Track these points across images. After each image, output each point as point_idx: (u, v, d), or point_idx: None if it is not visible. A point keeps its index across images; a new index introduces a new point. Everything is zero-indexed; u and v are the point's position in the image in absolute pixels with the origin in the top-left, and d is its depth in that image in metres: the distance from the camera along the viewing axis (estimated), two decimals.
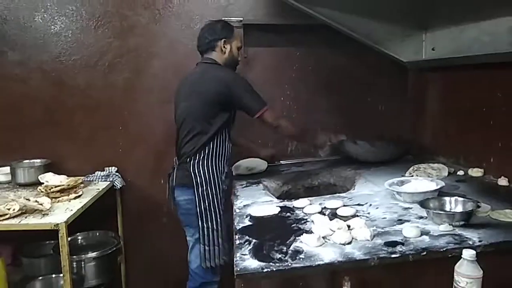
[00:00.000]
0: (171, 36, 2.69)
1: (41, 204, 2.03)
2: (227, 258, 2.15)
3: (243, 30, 2.61)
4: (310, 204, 1.80)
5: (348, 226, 1.49)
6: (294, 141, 2.78)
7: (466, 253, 1.15)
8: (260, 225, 1.64)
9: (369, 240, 1.40)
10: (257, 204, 1.89)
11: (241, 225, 1.63)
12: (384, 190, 1.93)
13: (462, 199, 1.63)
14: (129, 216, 2.81)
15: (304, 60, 2.79)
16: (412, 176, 2.14)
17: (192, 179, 2.11)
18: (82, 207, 2.14)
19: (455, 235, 1.41)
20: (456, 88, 2.43)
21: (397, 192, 1.83)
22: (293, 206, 1.81)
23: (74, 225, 2.05)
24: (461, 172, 2.24)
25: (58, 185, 2.23)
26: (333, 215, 1.66)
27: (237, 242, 1.46)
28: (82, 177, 2.48)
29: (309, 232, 1.48)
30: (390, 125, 2.88)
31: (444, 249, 1.32)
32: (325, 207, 1.77)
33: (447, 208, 1.62)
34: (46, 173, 2.37)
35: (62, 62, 2.66)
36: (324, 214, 1.68)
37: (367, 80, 2.86)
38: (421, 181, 1.91)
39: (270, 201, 1.94)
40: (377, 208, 1.74)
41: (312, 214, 1.68)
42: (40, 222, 1.93)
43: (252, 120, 2.21)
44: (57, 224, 1.91)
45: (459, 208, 1.59)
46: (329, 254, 1.31)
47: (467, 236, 1.40)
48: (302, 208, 1.77)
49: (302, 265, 1.27)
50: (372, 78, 2.86)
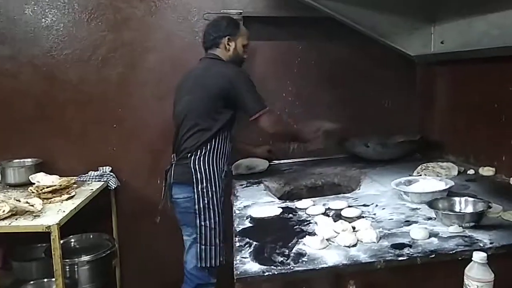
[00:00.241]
0: (168, 29, 2.69)
1: (32, 206, 2.03)
2: (224, 260, 2.16)
3: (243, 24, 2.60)
4: (313, 205, 1.80)
5: (353, 228, 1.49)
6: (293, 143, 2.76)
7: (477, 256, 1.15)
8: (261, 227, 1.64)
9: (375, 242, 1.40)
10: (258, 205, 1.89)
11: (241, 227, 1.63)
12: (391, 190, 1.93)
13: (473, 199, 1.63)
14: (124, 218, 2.81)
15: (307, 54, 2.79)
16: (420, 176, 2.14)
17: (192, 175, 2.12)
18: (75, 209, 2.14)
19: (465, 237, 1.41)
20: (466, 83, 2.43)
21: (405, 192, 1.83)
22: (296, 207, 1.81)
23: (67, 227, 2.05)
24: (471, 171, 2.24)
25: (50, 186, 2.23)
26: (338, 216, 1.66)
27: (237, 245, 1.46)
28: (75, 177, 2.48)
29: (312, 234, 1.48)
30: (397, 122, 2.87)
31: (454, 252, 1.32)
32: (329, 208, 1.77)
33: (457, 209, 1.62)
34: (38, 173, 2.38)
35: (54, 57, 2.66)
36: (328, 215, 1.68)
37: (373, 75, 2.85)
38: (430, 181, 1.92)
39: (272, 202, 1.94)
40: (384, 209, 1.74)
41: (316, 215, 1.68)
42: (31, 224, 1.93)
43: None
44: (49, 226, 1.91)
45: (469, 209, 1.59)
46: (333, 257, 1.31)
47: (478, 238, 1.40)
48: (305, 209, 1.77)
49: (305, 269, 1.27)
50: (378, 73, 2.85)
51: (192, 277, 2.21)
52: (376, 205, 1.79)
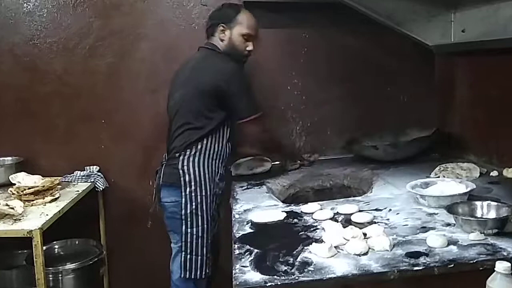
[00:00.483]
0: (161, 15, 2.69)
1: (12, 208, 2.03)
2: (210, 271, 2.16)
3: None
4: (321, 209, 1.80)
5: (364, 235, 1.49)
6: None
7: (500, 266, 1.15)
8: (263, 233, 1.64)
9: (388, 251, 1.40)
10: (260, 209, 1.89)
11: (241, 233, 1.63)
12: (406, 193, 1.93)
13: (496, 204, 1.62)
14: (113, 222, 2.81)
15: (314, 43, 2.78)
16: (438, 177, 2.14)
17: (180, 177, 2.11)
18: (59, 212, 2.14)
19: (487, 245, 1.41)
20: (489, 75, 2.43)
21: (421, 196, 1.83)
22: (301, 211, 1.82)
23: (50, 232, 2.06)
24: (495, 173, 2.24)
25: (32, 187, 2.24)
26: (347, 222, 1.66)
27: (237, 252, 1.46)
28: (59, 178, 2.48)
29: (320, 241, 1.48)
30: (413, 118, 2.87)
31: (475, 261, 1.32)
32: (338, 213, 1.77)
33: (478, 214, 1.61)
34: (18, 173, 2.38)
35: (36, 45, 2.66)
36: (337, 221, 1.68)
37: (387, 67, 2.85)
38: (449, 183, 1.91)
39: (275, 206, 1.95)
40: (398, 214, 1.74)
41: (323, 221, 1.68)
42: (11, 229, 1.94)
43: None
44: (31, 231, 1.91)
45: (492, 214, 1.59)
46: (342, 266, 1.31)
47: (501, 246, 1.39)
48: (312, 214, 1.77)
49: (311, 279, 1.26)
50: (392, 64, 2.85)
51: None
52: (390, 210, 1.79)
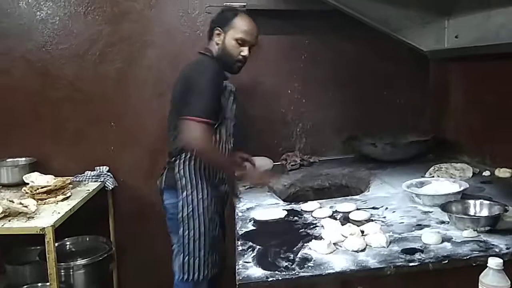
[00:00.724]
0: (168, 23, 2.69)
1: (26, 207, 2.03)
2: (210, 273, 2.09)
3: None
4: (320, 208, 1.80)
5: (362, 232, 1.49)
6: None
7: (492, 262, 1.14)
8: (265, 230, 1.64)
9: (385, 247, 1.39)
10: (262, 207, 1.89)
11: (244, 230, 1.64)
12: (402, 192, 1.93)
13: (488, 202, 1.62)
14: (122, 220, 2.81)
15: (314, 49, 2.79)
16: (433, 177, 2.14)
17: (177, 181, 2.06)
18: (71, 210, 2.14)
19: (480, 242, 1.40)
20: (482, 80, 2.42)
21: (416, 195, 1.82)
22: (301, 210, 1.82)
23: (62, 230, 2.06)
24: (487, 173, 2.23)
25: (45, 186, 2.24)
26: (345, 220, 1.66)
27: (240, 249, 1.46)
28: (71, 177, 2.48)
29: (319, 238, 1.48)
30: (408, 121, 2.88)
31: (468, 257, 1.32)
32: (337, 211, 1.77)
33: (471, 212, 1.61)
34: (32, 173, 2.38)
35: (49, 52, 2.67)
36: (335, 219, 1.68)
37: (383, 71, 2.85)
38: (443, 183, 1.91)
39: (276, 204, 1.94)
40: (394, 212, 1.74)
41: (322, 218, 1.68)
42: (25, 226, 1.94)
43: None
44: (43, 228, 1.91)
45: (485, 212, 1.59)
46: (341, 262, 1.31)
47: (493, 243, 1.39)
48: (311, 212, 1.77)
49: (311, 274, 1.26)
50: (389, 69, 2.85)
51: None
52: (386, 208, 1.79)
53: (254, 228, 1.66)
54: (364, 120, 2.87)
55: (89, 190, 2.44)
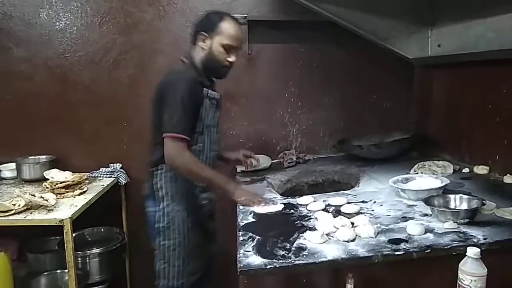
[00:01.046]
0: (176, 33, 2.69)
1: (46, 200, 2.04)
2: (188, 280, 1.93)
3: (248, 27, 2.61)
4: (314, 201, 1.80)
5: (352, 223, 1.49)
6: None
7: (471, 251, 1.15)
8: (264, 222, 1.64)
9: (373, 238, 1.40)
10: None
11: (245, 222, 1.64)
12: (389, 188, 1.93)
13: (467, 197, 1.62)
14: (134, 212, 2.81)
15: (309, 57, 2.78)
16: (417, 174, 2.14)
17: (155, 192, 1.92)
18: (87, 203, 2.15)
19: (460, 233, 1.41)
20: (462, 85, 2.42)
21: (402, 190, 1.82)
22: (297, 203, 1.82)
23: (79, 221, 2.06)
24: (466, 170, 2.23)
25: (63, 181, 2.25)
26: (337, 212, 1.67)
27: (241, 239, 1.46)
28: (87, 174, 2.49)
29: (313, 229, 1.48)
30: (395, 122, 2.87)
31: (449, 247, 1.32)
32: (329, 204, 1.77)
33: (452, 206, 1.61)
34: (51, 169, 2.39)
35: (67, 59, 2.67)
36: (328, 211, 1.68)
37: (372, 77, 2.85)
38: (426, 179, 1.91)
39: (274, 198, 1.94)
40: (381, 206, 1.74)
41: (316, 211, 1.68)
42: (45, 218, 1.94)
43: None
44: (62, 220, 1.92)
45: (464, 206, 1.59)
46: (333, 251, 1.32)
47: (472, 234, 1.39)
48: (306, 205, 1.77)
49: (306, 262, 1.27)
50: (377, 75, 2.85)
51: None
52: (374, 202, 1.79)
53: (254, 220, 1.66)
54: (355, 122, 2.87)
55: (104, 185, 2.44)
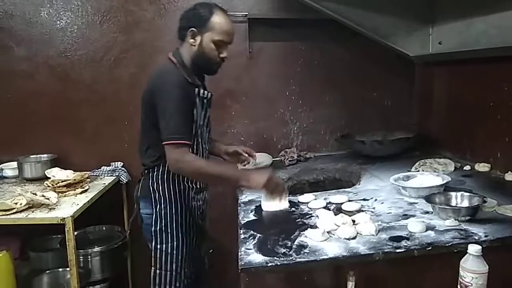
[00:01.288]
0: (176, 31, 2.68)
1: (48, 199, 2.04)
2: (182, 284, 1.88)
3: (248, 25, 2.61)
4: (315, 199, 1.80)
5: (353, 221, 1.49)
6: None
7: (472, 248, 1.15)
8: (265, 220, 1.64)
9: (374, 235, 1.40)
10: (262, 199, 1.88)
11: (246, 220, 1.64)
12: (390, 185, 1.93)
13: (468, 194, 1.62)
14: (135, 211, 2.81)
15: (310, 55, 2.78)
16: (418, 171, 2.14)
17: (151, 194, 1.84)
18: (89, 202, 2.15)
19: (461, 230, 1.41)
20: (463, 82, 2.42)
21: (403, 187, 1.82)
22: (298, 201, 1.82)
23: (81, 220, 2.06)
24: (468, 167, 2.23)
25: (65, 180, 2.25)
26: (338, 210, 1.67)
27: (242, 237, 1.46)
28: (88, 172, 2.49)
29: (314, 227, 1.48)
30: (397, 120, 2.87)
31: (450, 244, 1.32)
32: (330, 202, 1.77)
33: (453, 203, 1.61)
34: (53, 168, 2.39)
35: (68, 57, 2.66)
36: (329, 209, 1.68)
37: (373, 75, 2.85)
38: (427, 176, 1.91)
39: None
40: (383, 203, 1.74)
41: (317, 209, 1.68)
42: (47, 216, 1.95)
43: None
44: (64, 218, 1.92)
45: (465, 203, 1.59)
46: (334, 249, 1.32)
47: (473, 231, 1.39)
48: (307, 203, 1.77)
49: (307, 260, 1.27)
50: (378, 73, 2.85)
51: None
52: (375, 200, 1.79)
53: (255, 218, 1.66)
54: (356, 120, 2.87)
55: (105, 184, 2.44)
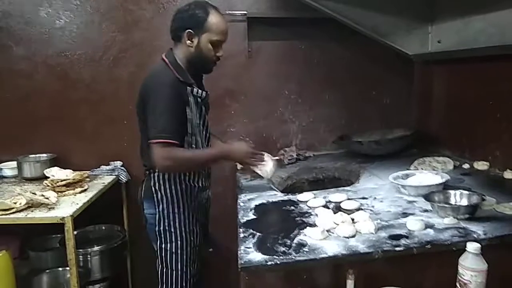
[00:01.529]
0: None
1: (47, 198, 2.04)
2: (189, 283, 1.89)
3: (247, 24, 2.60)
4: (314, 198, 1.80)
5: (352, 220, 1.50)
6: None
7: (471, 246, 1.15)
8: (264, 219, 1.64)
9: (373, 233, 1.40)
10: (262, 198, 1.89)
11: (245, 219, 1.64)
12: (389, 184, 1.93)
13: (467, 193, 1.62)
14: (134, 210, 2.79)
15: (309, 54, 2.78)
16: (417, 170, 2.14)
17: (153, 194, 1.85)
18: (88, 201, 2.15)
19: (460, 228, 1.41)
20: (462, 81, 2.42)
21: (402, 186, 1.83)
22: (297, 200, 1.82)
23: (80, 219, 2.06)
24: (467, 166, 2.23)
25: (64, 179, 2.25)
26: (337, 209, 1.67)
27: (241, 236, 1.46)
28: (88, 171, 2.49)
29: (313, 226, 1.48)
30: (395, 118, 2.87)
31: (449, 242, 1.32)
32: (329, 201, 1.77)
33: (452, 201, 1.61)
34: (52, 167, 2.39)
35: (67, 57, 2.66)
36: (328, 208, 1.68)
37: (372, 74, 2.85)
38: (426, 175, 1.91)
39: (275, 195, 1.95)
40: (382, 202, 1.74)
41: (316, 208, 1.69)
42: (47, 216, 1.95)
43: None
44: (63, 218, 1.92)
45: (464, 202, 1.59)
46: (333, 247, 1.32)
47: (472, 229, 1.40)
48: (306, 202, 1.77)
49: (306, 258, 1.27)
50: (377, 71, 2.85)
51: None
52: (375, 198, 1.79)
53: (255, 217, 1.66)
54: (355, 118, 2.87)
55: (105, 183, 2.44)
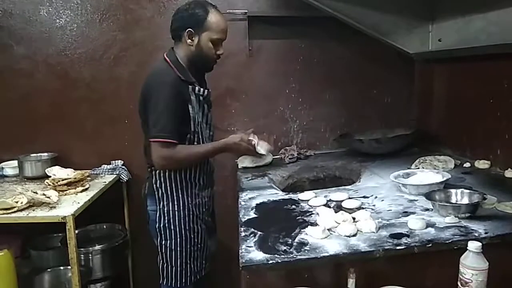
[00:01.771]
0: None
1: (49, 197, 2.05)
2: (189, 280, 1.93)
3: (248, 23, 2.60)
4: (315, 197, 1.80)
5: (353, 218, 1.50)
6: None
7: (472, 245, 1.15)
8: (265, 217, 1.64)
9: (374, 232, 1.40)
10: (263, 197, 1.89)
11: (246, 218, 1.64)
12: (390, 183, 1.93)
13: (468, 191, 1.63)
14: (135, 209, 2.81)
15: (309, 52, 2.78)
16: (418, 168, 2.14)
17: (155, 192, 1.91)
18: (89, 200, 2.15)
19: (461, 227, 1.41)
20: (463, 79, 2.41)
21: (403, 185, 1.83)
22: (298, 199, 1.82)
23: (81, 218, 2.06)
24: (468, 164, 2.23)
25: (65, 178, 2.25)
26: (338, 208, 1.67)
27: (242, 234, 1.47)
28: (89, 171, 2.49)
29: (314, 224, 1.48)
30: (396, 117, 2.87)
31: (450, 241, 1.32)
32: (330, 200, 1.77)
33: (453, 200, 1.61)
34: (53, 167, 2.39)
35: (68, 56, 2.66)
36: (329, 207, 1.68)
37: (373, 72, 2.85)
38: (427, 173, 1.91)
39: (275, 194, 1.95)
40: (383, 201, 1.74)
41: (317, 207, 1.69)
42: (48, 215, 1.95)
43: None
44: (65, 217, 1.92)
45: (465, 200, 1.59)
46: (334, 246, 1.32)
47: (473, 228, 1.40)
48: (307, 201, 1.77)
49: (307, 257, 1.27)
50: (378, 70, 2.85)
51: None
52: (376, 197, 1.79)
53: (256, 216, 1.66)
54: (355, 117, 2.87)
55: (106, 182, 2.44)
